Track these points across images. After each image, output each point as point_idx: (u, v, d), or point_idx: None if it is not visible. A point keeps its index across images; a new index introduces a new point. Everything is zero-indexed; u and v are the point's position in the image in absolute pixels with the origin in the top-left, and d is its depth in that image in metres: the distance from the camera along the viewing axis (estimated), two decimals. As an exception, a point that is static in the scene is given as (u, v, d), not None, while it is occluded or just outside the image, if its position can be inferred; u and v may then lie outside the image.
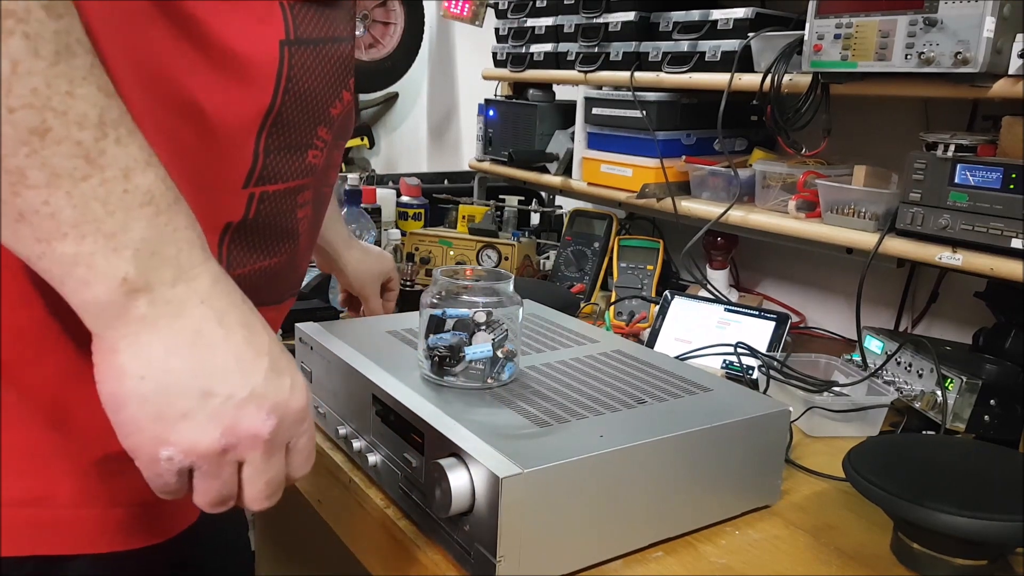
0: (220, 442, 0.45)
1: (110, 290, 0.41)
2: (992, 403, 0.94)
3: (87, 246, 0.40)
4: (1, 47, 0.36)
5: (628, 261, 1.50)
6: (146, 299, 0.42)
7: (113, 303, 0.41)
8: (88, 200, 0.39)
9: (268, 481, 0.48)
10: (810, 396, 1.00)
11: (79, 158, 0.39)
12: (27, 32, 0.37)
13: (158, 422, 0.43)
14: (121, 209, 0.40)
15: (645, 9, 1.40)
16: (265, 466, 0.47)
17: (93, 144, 0.39)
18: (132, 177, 0.41)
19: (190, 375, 0.43)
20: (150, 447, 0.44)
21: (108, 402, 0.43)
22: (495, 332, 0.79)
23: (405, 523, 0.77)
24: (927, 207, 1.00)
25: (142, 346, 0.42)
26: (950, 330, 1.29)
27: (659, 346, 1.22)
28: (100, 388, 0.43)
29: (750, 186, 1.28)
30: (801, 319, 1.47)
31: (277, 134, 0.55)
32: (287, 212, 0.60)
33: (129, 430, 0.44)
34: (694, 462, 0.73)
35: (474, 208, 1.71)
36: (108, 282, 0.40)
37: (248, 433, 0.45)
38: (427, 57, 2.71)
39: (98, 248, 0.40)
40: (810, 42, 1.07)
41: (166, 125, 0.50)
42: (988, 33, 0.90)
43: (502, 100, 1.80)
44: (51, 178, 0.38)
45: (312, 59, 0.55)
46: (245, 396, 0.45)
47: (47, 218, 0.39)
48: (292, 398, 0.48)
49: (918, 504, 0.67)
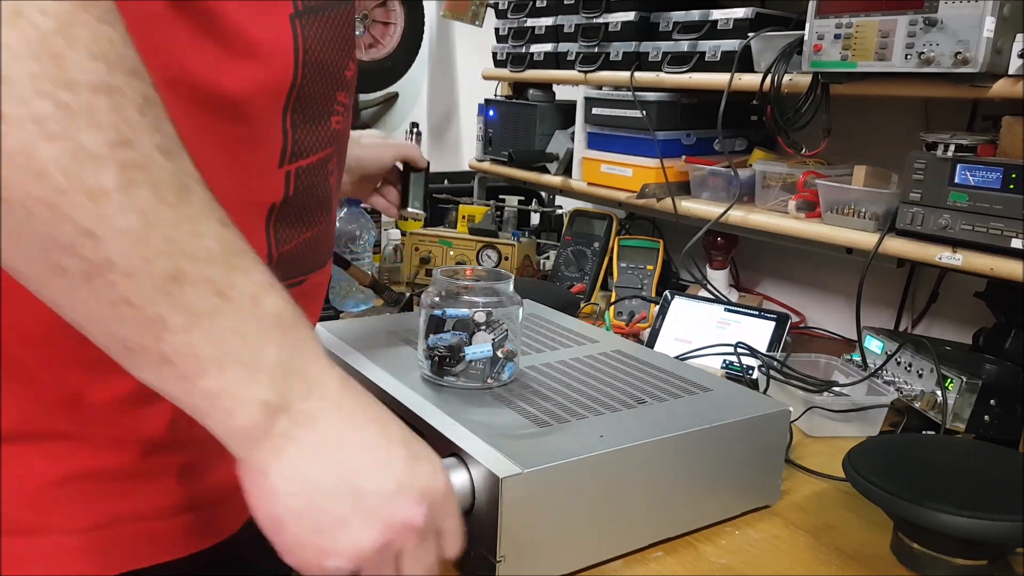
0: (379, 539, 0.45)
1: (252, 415, 0.41)
2: (992, 403, 0.94)
3: (228, 379, 0.40)
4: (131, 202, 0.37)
5: (628, 261, 1.50)
6: (285, 417, 0.42)
7: (256, 426, 0.42)
8: (225, 334, 0.40)
9: (426, 567, 0.49)
10: (810, 396, 1.00)
11: (213, 295, 0.40)
12: (152, 181, 0.38)
13: (318, 535, 0.44)
14: (254, 336, 0.41)
15: (645, 9, 1.40)
16: (422, 552, 0.48)
17: (223, 278, 0.40)
18: (260, 303, 0.42)
19: (337, 481, 0.44)
20: (315, 560, 0.45)
21: (267, 524, 0.44)
22: (495, 332, 0.79)
23: (405, 523, 0.77)
24: (927, 207, 1.00)
25: (288, 463, 0.43)
26: (950, 330, 1.29)
27: (659, 346, 1.22)
28: (256, 512, 0.44)
29: (750, 186, 1.28)
30: (801, 319, 1.47)
31: (301, 108, 0.55)
32: (321, 182, 0.61)
33: (292, 548, 0.45)
34: (694, 462, 0.73)
35: (474, 208, 1.71)
36: (250, 408, 0.41)
37: (403, 525, 0.46)
38: (427, 57, 2.71)
39: (238, 378, 0.41)
40: (810, 42, 1.07)
41: (202, 122, 0.50)
42: (988, 33, 0.90)
43: (502, 100, 1.80)
44: (190, 319, 0.39)
45: (322, 26, 0.56)
46: (393, 489, 0.46)
47: (189, 358, 0.40)
48: (435, 481, 0.49)
49: (918, 504, 0.67)
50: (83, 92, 0.35)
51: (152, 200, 0.37)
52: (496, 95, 1.86)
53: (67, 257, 0.36)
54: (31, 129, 0.34)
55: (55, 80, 0.34)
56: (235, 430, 0.42)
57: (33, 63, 0.34)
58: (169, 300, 0.38)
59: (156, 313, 0.38)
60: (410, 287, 1.58)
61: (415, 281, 1.59)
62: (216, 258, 0.40)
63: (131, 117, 0.37)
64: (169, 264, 0.38)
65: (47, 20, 0.34)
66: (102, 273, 0.37)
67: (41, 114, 0.34)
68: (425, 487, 0.47)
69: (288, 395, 0.42)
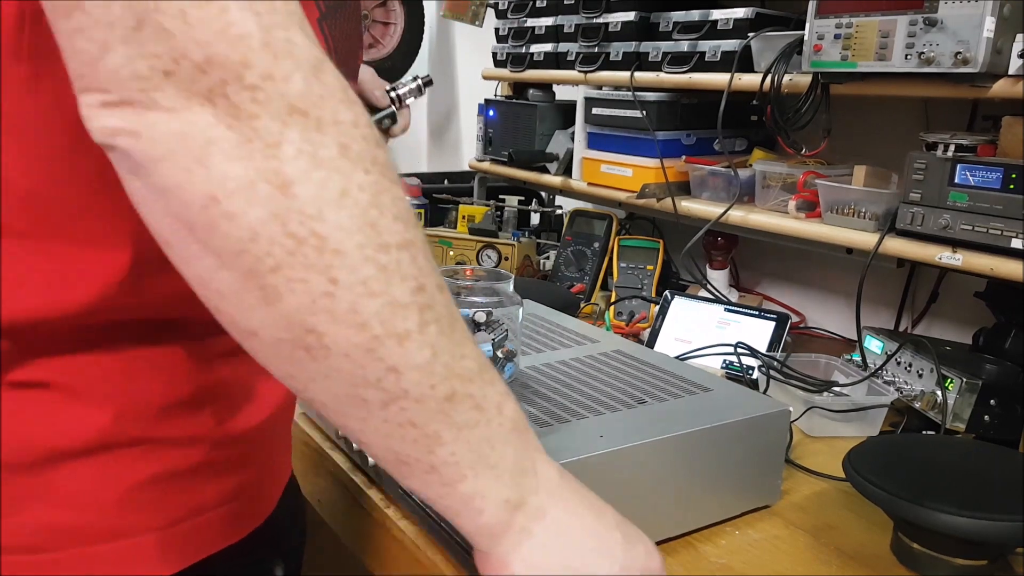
0: None
1: (498, 513, 0.46)
2: (992, 403, 0.94)
3: (480, 483, 0.45)
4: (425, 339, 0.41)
5: (628, 261, 1.50)
6: (522, 512, 0.47)
7: (500, 523, 0.46)
8: (480, 443, 0.45)
9: None
10: (810, 396, 1.00)
11: (473, 409, 0.44)
12: (437, 316, 0.42)
13: None
14: (500, 441, 0.45)
15: (645, 9, 1.40)
16: None
17: (480, 393, 0.45)
18: (503, 410, 0.46)
19: (565, 570, 0.48)
20: None
21: None
22: (495, 332, 0.79)
23: (405, 523, 0.77)
24: (927, 207, 1.00)
25: (526, 554, 0.47)
26: (950, 330, 1.29)
27: (659, 346, 1.22)
28: None
29: (750, 186, 1.28)
30: (801, 319, 1.47)
31: None
32: None
33: None
34: (694, 462, 0.73)
35: (474, 208, 1.71)
36: (496, 507, 0.46)
37: None
38: (427, 57, 2.71)
39: (488, 482, 0.45)
40: (810, 42, 1.07)
41: None
42: (988, 33, 0.90)
43: (502, 100, 1.80)
44: (456, 433, 0.44)
45: (341, 23, 0.58)
46: (616, 574, 0.49)
47: (452, 467, 0.44)
48: (650, 562, 0.52)
49: (918, 504, 0.67)
50: (392, 251, 0.40)
51: (438, 334, 0.42)
52: (496, 95, 1.86)
53: (370, 390, 0.41)
54: (359, 290, 0.39)
55: (375, 246, 0.39)
56: (482, 527, 0.46)
57: (359, 235, 0.39)
58: (443, 418, 0.43)
59: (433, 431, 0.43)
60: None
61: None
62: (475, 375, 0.44)
63: (422, 264, 0.42)
64: (446, 387, 0.43)
65: (364, 195, 0.39)
66: (397, 401, 0.42)
67: (366, 277, 0.39)
68: (643, 567, 0.51)
69: (523, 492, 0.47)
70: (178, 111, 0.37)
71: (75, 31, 0.37)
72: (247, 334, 0.41)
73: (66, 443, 0.49)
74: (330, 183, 0.38)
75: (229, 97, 0.37)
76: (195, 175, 0.37)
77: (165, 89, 0.37)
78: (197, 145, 0.37)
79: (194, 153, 0.37)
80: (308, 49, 0.39)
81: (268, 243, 0.38)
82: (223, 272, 0.39)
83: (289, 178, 0.37)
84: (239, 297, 0.39)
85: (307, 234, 0.38)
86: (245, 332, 0.41)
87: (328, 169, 0.38)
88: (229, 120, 0.37)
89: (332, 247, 0.38)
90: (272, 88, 0.37)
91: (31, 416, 0.49)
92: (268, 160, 0.37)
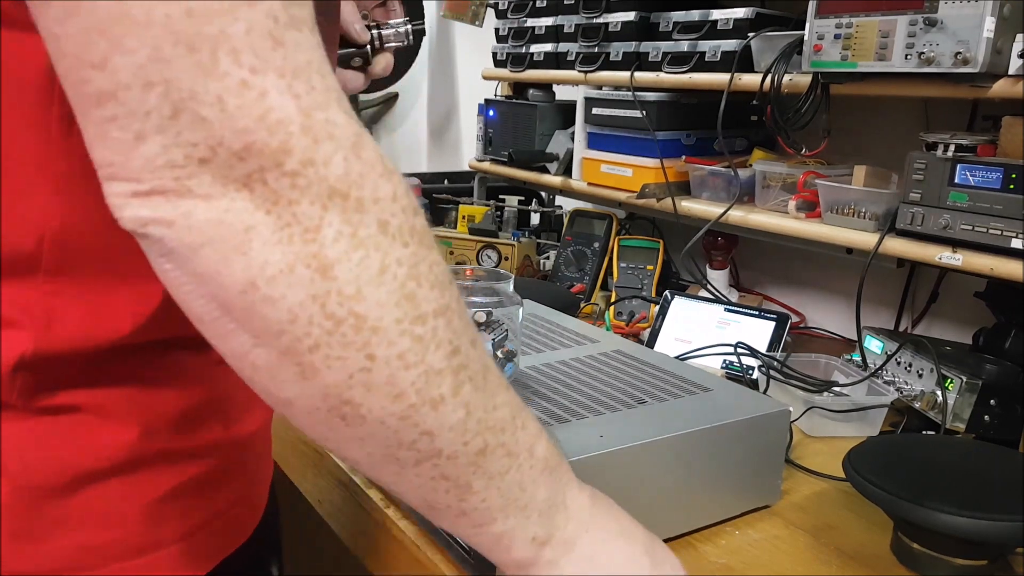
0: None
1: (525, 550, 0.47)
2: (992, 403, 0.94)
3: (510, 524, 0.46)
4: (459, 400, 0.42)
5: (628, 261, 1.50)
6: (550, 547, 0.48)
7: (528, 559, 0.47)
8: (511, 487, 0.45)
9: None
10: (810, 396, 1.00)
11: (505, 457, 0.45)
12: (470, 375, 0.43)
13: None
14: (530, 483, 0.46)
15: (645, 9, 1.40)
16: None
17: (511, 440, 0.45)
18: (534, 452, 0.47)
19: None
20: None
21: None
22: (495, 332, 0.79)
23: (405, 523, 0.77)
24: (927, 207, 1.00)
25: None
26: (950, 330, 1.29)
27: (659, 346, 1.22)
28: None
29: (750, 186, 1.28)
30: (801, 319, 1.47)
31: None
32: None
33: None
34: (694, 462, 0.73)
35: (474, 208, 1.71)
36: (524, 545, 0.47)
37: None
38: (427, 57, 2.71)
39: (517, 522, 0.46)
40: (810, 42, 1.07)
41: None
42: (988, 33, 0.90)
43: (502, 100, 1.80)
44: (488, 482, 0.45)
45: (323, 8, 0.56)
46: None
47: (483, 511, 0.45)
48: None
49: (918, 504, 0.67)
50: (429, 321, 0.40)
51: (472, 391, 0.43)
52: (496, 95, 1.86)
53: (404, 451, 0.42)
54: (395, 364, 0.39)
55: (412, 319, 0.40)
56: (510, 562, 0.48)
57: (396, 310, 0.39)
58: (475, 470, 0.44)
59: (465, 482, 0.44)
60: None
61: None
62: (507, 424, 0.45)
63: (457, 326, 0.42)
64: (479, 441, 0.43)
65: (402, 269, 0.39)
66: (430, 459, 0.42)
67: (403, 350, 0.39)
68: None
69: (552, 528, 0.48)
70: (214, 198, 0.36)
71: (107, 120, 0.36)
72: (282, 403, 0.41)
73: (96, 463, 0.49)
74: (369, 262, 0.38)
75: (268, 184, 0.37)
76: (234, 263, 0.37)
77: (201, 177, 0.36)
78: (236, 233, 0.37)
79: (233, 241, 0.37)
80: (348, 127, 0.39)
81: (307, 324, 0.38)
82: (259, 350, 0.39)
83: (329, 261, 0.37)
84: (274, 372, 0.39)
85: (346, 314, 0.38)
86: (280, 401, 0.41)
87: (368, 248, 0.38)
88: (268, 205, 0.37)
89: (370, 325, 0.38)
90: (312, 173, 0.37)
91: (62, 440, 0.49)
92: (308, 245, 0.37)
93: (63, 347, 0.47)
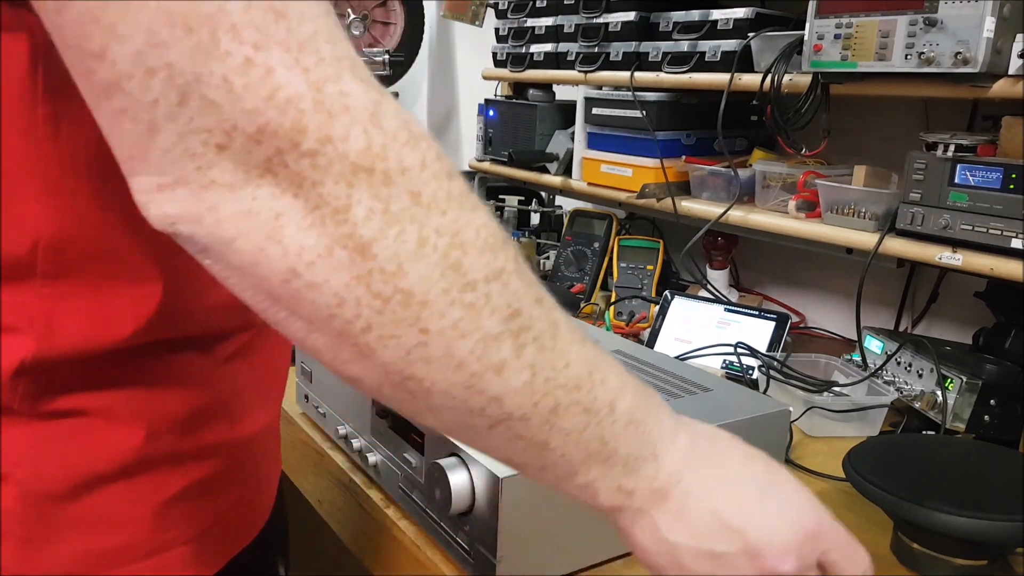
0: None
1: (611, 498, 0.47)
2: (992, 403, 0.94)
3: (592, 475, 0.46)
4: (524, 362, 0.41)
5: (628, 261, 1.50)
6: (638, 496, 0.47)
7: (615, 506, 0.47)
8: (591, 442, 0.45)
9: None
10: (810, 396, 1.00)
11: (581, 414, 0.44)
12: (535, 335, 0.42)
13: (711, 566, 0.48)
14: (612, 438, 0.45)
15: (645, 9, 1.40)
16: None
17: (588, 397, 0.44)
18: (616, 407, 0.45)
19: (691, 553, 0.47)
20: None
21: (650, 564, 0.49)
22: (495, 332, 0.79)
23: (405, 523, 0.77)
24: (927, 207, 1.00)
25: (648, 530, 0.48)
26: (950, 330, 1.29)
27: (659, 346, 1.22)
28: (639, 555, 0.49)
29: (750, 186, 1.28)
30: (801, 319, 1.47)
31: None
32: None
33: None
34: (694, 462, 0.73)
35: (474, 208, 1.70)
36: (609, 494, 0.47)
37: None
38: (427, 57, 2.71)
39: (599, 474, 0.46)
40: (810, 42, 1.07)
41: None
42: (988, 33, 0.90)
43: (502, 100, 1.80)
44: (565, 438, 0.44)
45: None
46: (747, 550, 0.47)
47: (563, 466, 0.45)
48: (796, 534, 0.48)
49: (918, 504, 0.67)
50: (480, 287, 0.39)
51: (536, 352, 0.42)
52: (496, 95, 1.86)
53: (476, 418, 0.42)
54: (450, 335, 0.39)
55: (460, 287, 0.39)
56: (599, 507, 0.48)
57: (442, 281, 0.38)
58: (550, 428, 0.43)
59: (542, 440, 0.43)
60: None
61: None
62: (583, 381, 0.44)
63: (514, 288, 0.41)
64: (551, 400, 0.43)
65: (443, 239, 0.38)
66: (502, 422, 0.42)
67: (456, 319, 0.39)
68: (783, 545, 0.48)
69: (639, 480, 0.47)
70: (238, 187, 0.36)
71: (118, 112, 0.35)
72: (351, 380, 0.41)
73: (104, 467, 0.49)
74: (406, 236, 0.37)
75: (289, 167, 0.35)
76: (270, 252, 0.36)
77: (221, 165, 0.35)
78: (266, 221, 0.36)
79: (265, 230, 0.36)
80: (364, 96, 0.37)
81: (355, 306, 0.37)
82: (315, 335, 0.39)
83: (365, 240, 0.36)
84: (334, 353, 0.39)
85: (392, 292, 0.37)
86: (348, 378, 0.41)
87: (403, 222, 0.37)
88: (293, 189, 0.36)
89: (418, 299, 0.38)
90: (332, 150, 0.36)
91: (68, 444, 0.49)
92: (340, 226, 0.36)
93: (65, 351, 0.47)
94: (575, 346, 0.44)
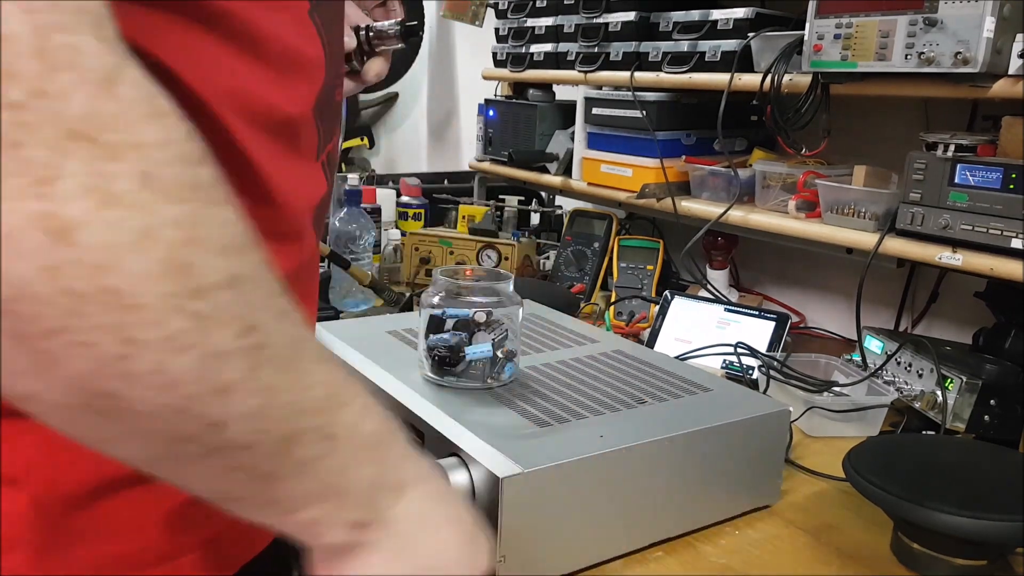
0: None
1: (340, 535, 0.42)
2: (992, 403, 0.94)
3: (324, 509, 0.41)
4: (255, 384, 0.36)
5: (628, 261, 1.50)
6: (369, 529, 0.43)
7: (343, 544, 0.42)
8: (329, 473, 0.40)
9: None
10: (810, 396, 1.00)
11: (320, 440, 0.39)
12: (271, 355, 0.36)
13: None
14: (352, 466, 0.41)
15: (645, 9, 1.40)
16: None
17: (328, 421, 0.40)
18: (359, 430, 0.41)
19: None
20: None
21: None
22: (495, 332, 0.79)
23: (405, 523, 0.77)
24: (927, 207, 1.00)
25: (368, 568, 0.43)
26: (950, 330, 1.29)
27: (659, 346, 1.22)
28: None
29: (750, 186, 1.28)
30: (801, 319, 1.47)
31: (323, 99, 0.56)
32: (334, 162, 0.63)
33: None
34: (694, 462, 0.73)
35: (474, 208, 1.71)
36: (339, 530, 0.42)
37: None
38: (427, 57, 2.71)
39: (332, 508, 0.41)
40: (810, 42, 1.07)
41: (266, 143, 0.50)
42: (988, 33, 0.90)
43: (502, 100, 1.80)
44: (298, 468, 0.39)
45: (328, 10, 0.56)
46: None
47: (292, 500, 0.40)
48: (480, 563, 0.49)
49: (918, 504, 0.67)
50: (212, 294, 0.34)
51: (272, 374, 0.36)
52: (496, 95, 1.86)
53: (188, 445, 0.36)
54: (164, 348, 0.32)
55: (187, 293, 0.33)
56: (324, 547, 0.43)
57: (165, 282, 0.32)
58: (281, 459, 0.38)
59: (268, 471, 0.38)
60: (410, 287, 1.58)
61: (415, 281, 1.59)
62: (323, 405, 0.40)
63: (254, 298, 0.36)
64: (285, 427, 0.38)
65: (177, 232, 0.32)
66: (219, 451, 0.36)
67: (174, 331, 0.32)
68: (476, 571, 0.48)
69: (374, 510, 0.43)
70: None
71: None
72: (21, 400, 0.34)
73: (117, 472, 0.48)
74: (126, 224, 0.31)
75: None
76: None
77: None
78: None
79: None
80: (100, 57, 0.31)
81: (35, 303, 0.30)
82: None
83: (68, 222, 0.30)
84: (6, 361, 0.32)
85: (92, 290, 0.31)
86: (18, 398, 0.34)
87: (124, 207, 0.31)
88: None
89: (127, 302, 0.31)
90: (44, 107, 0.29)
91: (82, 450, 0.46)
92: (40, 200, 0.29)
93: None
94: (320, 367, 0.40)
